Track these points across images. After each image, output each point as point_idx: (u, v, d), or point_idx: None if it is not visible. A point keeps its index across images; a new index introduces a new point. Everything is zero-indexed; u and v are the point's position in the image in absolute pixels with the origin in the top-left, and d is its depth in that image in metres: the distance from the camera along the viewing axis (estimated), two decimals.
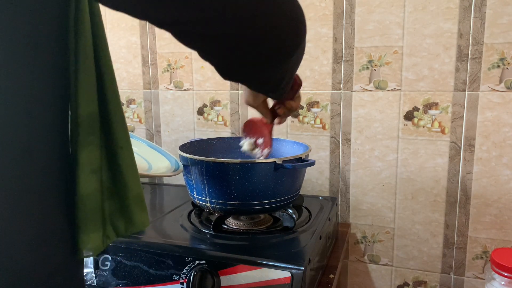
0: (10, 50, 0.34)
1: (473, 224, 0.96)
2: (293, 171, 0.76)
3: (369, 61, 0.98)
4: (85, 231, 0.42)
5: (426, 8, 0.92)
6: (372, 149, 1.01)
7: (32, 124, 0.36)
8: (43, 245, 0.38)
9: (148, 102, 1.20)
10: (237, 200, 0.74)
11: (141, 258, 0.70)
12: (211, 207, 0.77)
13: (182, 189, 1.08)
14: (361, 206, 1.04)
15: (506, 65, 0.88)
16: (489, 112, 0.91)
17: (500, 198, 0.93)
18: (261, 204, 0.75)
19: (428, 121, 0.95)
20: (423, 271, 1.02)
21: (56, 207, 0.40)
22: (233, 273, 0.65)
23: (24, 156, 0.36)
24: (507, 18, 0.86)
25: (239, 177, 0.72)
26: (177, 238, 0.75)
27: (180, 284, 0.67)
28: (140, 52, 1.18)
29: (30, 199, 0.37)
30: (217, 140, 0.94)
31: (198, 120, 1.16)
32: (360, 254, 1.07)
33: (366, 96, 0.99)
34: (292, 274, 0.63)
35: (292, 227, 0.79)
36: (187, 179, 0.80)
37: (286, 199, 0.78)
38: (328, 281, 0.76)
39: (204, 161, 0.73)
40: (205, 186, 0.75)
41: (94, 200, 0.42)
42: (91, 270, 0.72)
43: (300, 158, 0.76)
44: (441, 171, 0.96)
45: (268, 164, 0.72)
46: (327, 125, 1.04)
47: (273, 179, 0.74)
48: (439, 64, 0.93)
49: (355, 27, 0.97)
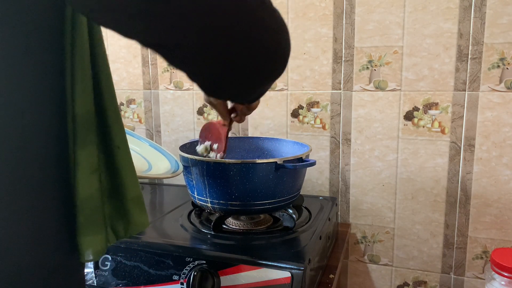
0: (6, 50, 0.34)
1: (473, 224, 0.96)
2: (294, 171, 0.76)
3: (369, 61, 0.98)
4: (87, 234, 0.41)
5: (426, 8, 0.92)
6: (372, 149, 1.01)
7: (27, 126, 0.36)
8: (41, 246, 0.38)
9: (148, 102, 1.20)
10: (238, 201, 0.74)
11: (141, 258, 0.70)
12: (211, 207, 0.77)
13: (182, 189, 1.08)
14: (361, 206, 1.04)
15: (506, 65, 0.88)
16: (489, 112, 0.91)
17: (500, 198, 0.93)
18: (262, 204, 0.75)
19: (428, 121, 0.95)
20: (423, 271, 1.02)
21: (54, 207, 0.40)
22: (233, 273, 0.65)
23: (20, 157, 0.36)
24: (507, 18, 0.86)
25: (240, 177, 0.72)
26: (177, 238, 0.75)
27: (180, 284, 0.67)
28: (140, 52, 1.18)
29: (27, 200, 0.37)
30: None
31: (198, 120, 1.16)
32: (360, 254, 1.07)
33: (366, 96, 0.99)
34: (292, 274, 0.63)
35: (292, 227, 0.79)
36: (187, 179, 0.80)
37: (287, 199, 0.78)
38: (328, 281, 0.76)
39: (205, 161, 0.73)
40: (206, 187, 0.75)
41: (95, 202, 0.42)
42: (91, 270, 0.72)
43: (300, 158, 0.76)
44: (441, 171, 0.96)
45: (269, 164, 0.72)
46: (327, 125, 1.04)
47: (273, 179, 0.74)
48: (439, 64, 0.93)
49: (355, 27, 0.98)
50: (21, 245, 0.36)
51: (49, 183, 0.39)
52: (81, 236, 0.41)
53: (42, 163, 0.38)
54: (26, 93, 0.36)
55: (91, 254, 0.42)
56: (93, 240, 0.42)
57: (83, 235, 0.41)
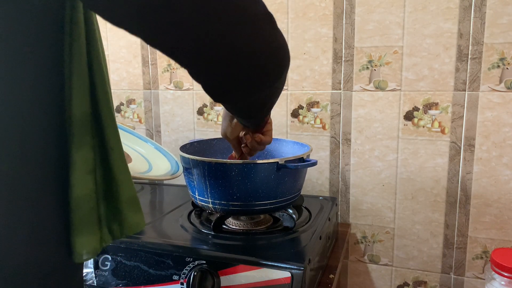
0: (5, 50, 0.34)
1: (473, 224, 0.96)
2: (295, 171, 0.76)
3: (369, 61, 0.98)
4: (81, 234, 0.41)
5: (426, 8, 0.92)
6: (372, 149, 1.01)
7: (26, 126, 0.36)
8: (38, 246, 0.38)
9: (148, 102, 1.20)
10: (239, 201, 0.74)
11: (141, 258, 0.70)
12: (213, 207, 0.77)
13: (182, 189, 1.08)
14: (361, 206, 1.04)
15: (506, 65, 0.88)
16: (489, 112, 0.91)
17: (500, 198, 0.93)
18: (263, 204, 0.75)
19: (428, 121, 0.95)
20: (423, 271, 1.02)
21: (53, 207, 0.40)
22: (233, 273, 0.65)
23: (20, 157, 0.36)
24: (507, 18, 0.86)
25: (241, 177, 0.72)
26: (177, 238, 0.75)
27: (180, 284, 0.67)
28: (140, 52, 1.18)
29: (25, 200, 0.37)
30: (217, 140, 0.94)
31: (198, 120, 1.16)
32: (360, 254, 1.07)
33: (366, 96, 0.99)
34: (292, 274, 0.63)
35: (292, 227, 0.79)
36: (188, 180, 0.80)
37: (288, 199, 0.78)
38: (328, 281, 0.76)
39: (206, 162, 0.73)
40: (207, 187, 0.75)
41: (90, 202, 0.42)
42: (91, 270, 0.72)
43: (302, 158, 0.76)
44: (441, 171, 0.96)
45: (270, 165, 0.72)
46: (327, 125, 1.04)
47: (275, 179, 0.74)
48: (439, 64, 0.93)
49: (355, 27, 0.98)
50: (18, 245, 0.36)
51: (48, 183, 0.39)
52: (75, 236, 0.41)
53: (42, 163, 0.38)
54: (26, 94, 0.36)
55: (85, 254, 0.42)
56: (87, 241, 0.42)
57: (77, 235, 0.41)
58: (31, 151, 0.37)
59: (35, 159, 0.37)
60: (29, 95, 0.37)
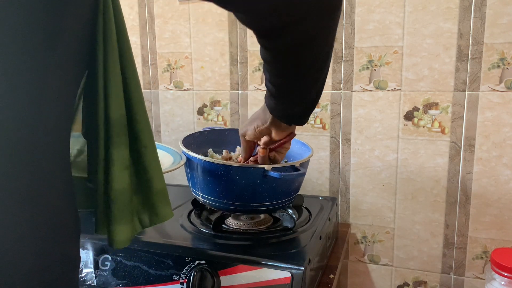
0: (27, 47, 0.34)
1: (473, 224, 0.96)
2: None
3: (369, 61, 0.98)
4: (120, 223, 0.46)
5: (426, 8, 0.92)
6: (372, 149, 1.01)
7: (41, 121, 0.36)
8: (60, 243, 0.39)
9: (148, 102, 1.20)
10: (238, 201, 0.74)
11: (141, 258, 0.70)
12: (213, 205, 0.77)
13: (182, 189, 1.08)
14: (361, 206, 1.04)
15: (506, 65, 0.88)
16: (489, 112, 0.91)
17: (500, 198, 0.93)
18: (261, 206, 0.75)
19: (428, 121, 0.95)
20: (423, 271, 1.02)
21: (67, 204, 0.40)
22: (233, 273, 0.65)
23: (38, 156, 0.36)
24: (507, 18, 0.86)
25: (227, 178, 0.72)
26: (177, 238, 0.75)
27: (180, 284, 0.67)
28: (140, 52, 1.18)
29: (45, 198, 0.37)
30: (229, 131, 0.93)
31: (198, 120, 1.16)
32: (360, 254, 1.07)
33: (366, 96, 0.99)
34: (292, 274, 0.63)
35: (292, 227, 0.79)
36: (190, 176, 0.80)
37: (285, 201, 0.78)
38: (328, 281, 0.76)
39: (208, 161, 0.73)
40: (206, 184, 0.75)
41: (127, 194, 0.46)
42: (91, 270, 0.72)
43: (293, 166, 0.73)
44: (441, 171, 0.96)
45: (257, 170, 0.70)
46: (327, 125, 1.04)
47: (261, 184, 0.72)
48: (439, 64, 0.93)
49: (355, 27, 0.98)
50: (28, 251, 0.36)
51: (64, 182, 0.40)
52: (114, 225, 0.46)
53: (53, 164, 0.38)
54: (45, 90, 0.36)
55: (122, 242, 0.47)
56: (125, 229, 0.47)
57: (116, 224, 0.46)
58: (44, 149, 0.37)
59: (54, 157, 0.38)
60: (46, 91, 0.36)
